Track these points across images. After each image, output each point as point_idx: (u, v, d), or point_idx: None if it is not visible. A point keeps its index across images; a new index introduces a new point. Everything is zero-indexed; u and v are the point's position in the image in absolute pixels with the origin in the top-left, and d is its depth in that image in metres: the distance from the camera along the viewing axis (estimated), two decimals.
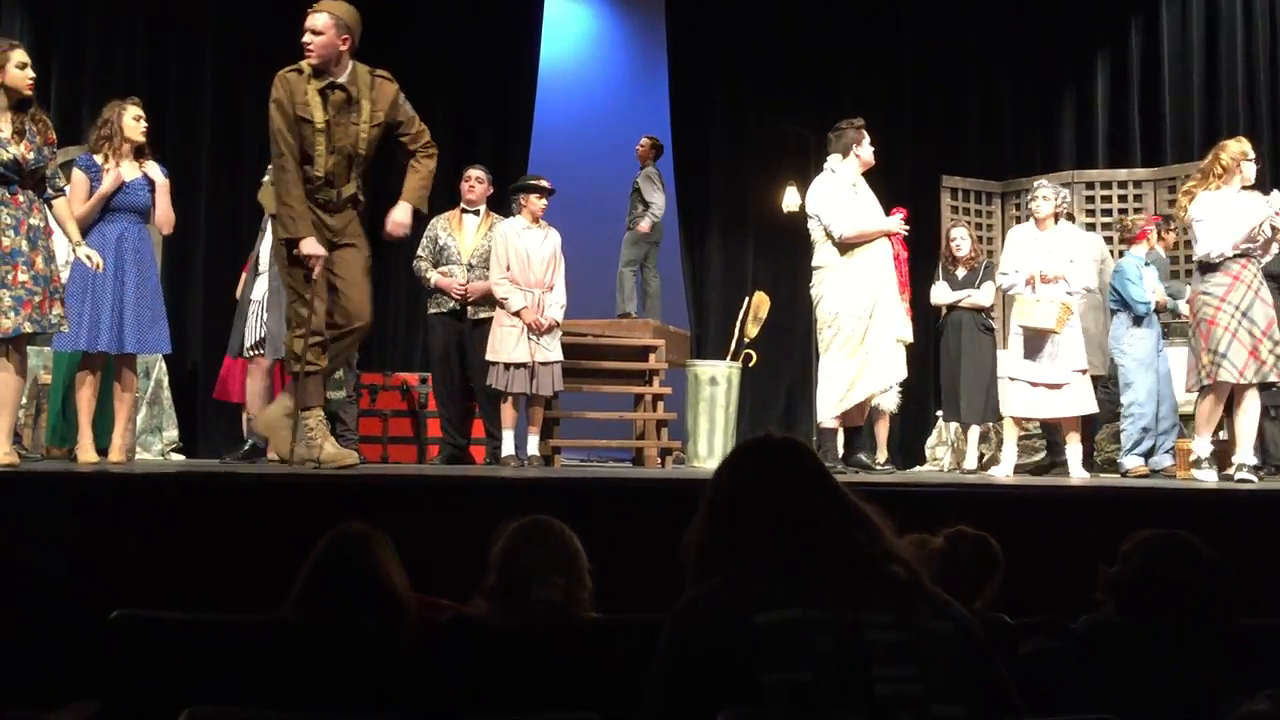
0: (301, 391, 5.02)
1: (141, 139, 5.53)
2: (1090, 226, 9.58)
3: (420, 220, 5.97)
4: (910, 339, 6.26)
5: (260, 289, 6.32)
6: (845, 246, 6.10)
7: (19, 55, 4.81)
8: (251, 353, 6.32)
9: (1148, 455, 6.86)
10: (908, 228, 6.31)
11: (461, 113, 9.78)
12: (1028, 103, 10.49)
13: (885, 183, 6.63)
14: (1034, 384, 6.50)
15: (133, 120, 5.49)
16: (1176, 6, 9.92)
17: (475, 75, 9.98)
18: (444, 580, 2.80)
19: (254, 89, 9.34)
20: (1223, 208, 5.82)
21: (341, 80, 4.97)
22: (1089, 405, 6.61)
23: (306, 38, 4.94)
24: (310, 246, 4.95)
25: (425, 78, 9.06)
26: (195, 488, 4.10)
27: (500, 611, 2.46)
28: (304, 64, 4.99)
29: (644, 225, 9.31)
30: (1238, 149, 5.94)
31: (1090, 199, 9.65)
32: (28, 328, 4.68)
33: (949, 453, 8.62)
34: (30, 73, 4.84)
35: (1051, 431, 7.20)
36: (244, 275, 6.61)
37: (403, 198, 5.19)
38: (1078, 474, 6.48)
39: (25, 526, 3.62)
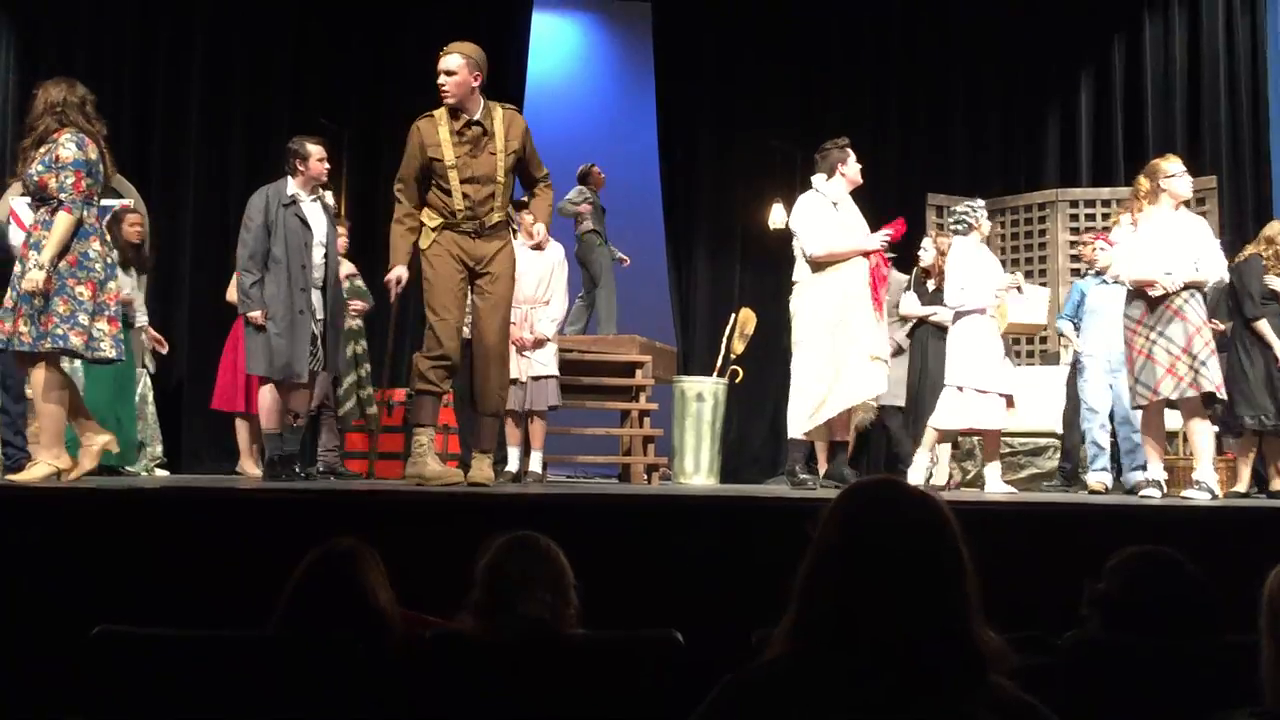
0: (416, 409, 5.32)
1: None
2: (1074, 244, 9.64)
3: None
4: (886, 356, 6.19)
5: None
6: (817, 264, 6.11)
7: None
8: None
9: (1117, 473, 6.88)
10: (886, 241, 6.17)
11: None
12: (1013, 121, 10.59)
13: (871, 199, 6.65)
14: (983, 391, 6.39)
15: None
16: (1159, 25, 10.01)
17: None
18: (430, 596, 2.79)
19: (241, 103, 9.36)
20: (1146, 230, 5.76)
21: (476, 116, 5.21)
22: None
23: (441, 79, 5.16)
24: (394, 273, 5.31)
25: (413, 94, 9.06)
26: (180, 503, 4.08)
27: (486, 627, 2.46)
28: (438, 110, 5.21)
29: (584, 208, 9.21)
30: (1163, 167, 5.84)
31: (1074, 217, 9.71)
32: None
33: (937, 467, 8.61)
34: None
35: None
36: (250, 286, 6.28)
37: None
38: (1000, 489, 6.43)
39: (7, 542, 3.59)
